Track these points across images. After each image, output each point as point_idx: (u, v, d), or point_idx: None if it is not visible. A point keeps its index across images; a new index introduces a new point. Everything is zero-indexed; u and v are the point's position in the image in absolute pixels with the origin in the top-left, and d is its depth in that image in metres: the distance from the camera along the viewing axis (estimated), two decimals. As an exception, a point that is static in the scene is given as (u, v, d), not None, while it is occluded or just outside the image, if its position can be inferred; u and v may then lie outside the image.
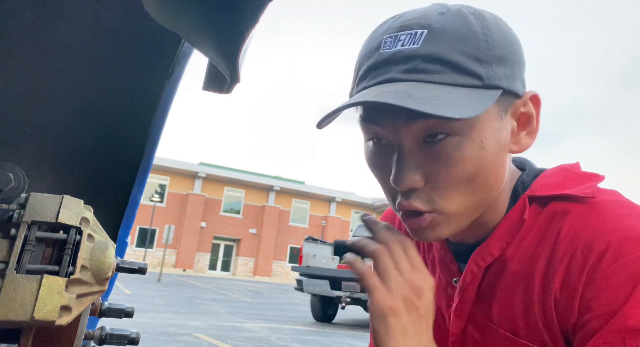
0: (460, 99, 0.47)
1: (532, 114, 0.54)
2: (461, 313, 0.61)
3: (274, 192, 32.57)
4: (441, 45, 0.48)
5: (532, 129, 0.55)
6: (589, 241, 0.49)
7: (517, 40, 0.54)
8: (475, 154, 0.50)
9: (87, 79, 0.82)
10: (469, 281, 0.59)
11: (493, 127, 0.51)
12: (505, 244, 0.56)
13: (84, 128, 0.86)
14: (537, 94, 0.54)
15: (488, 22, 0.51)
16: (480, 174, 0.51)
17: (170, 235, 17.57)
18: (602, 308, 0.47)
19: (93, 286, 0.59)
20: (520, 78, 0.53)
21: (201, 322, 7.23)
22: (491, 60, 0.49)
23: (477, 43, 0.49)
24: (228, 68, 0.57)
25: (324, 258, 9.11)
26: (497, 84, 0.49)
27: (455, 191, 0.51)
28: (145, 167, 0.90)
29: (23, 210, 0.58)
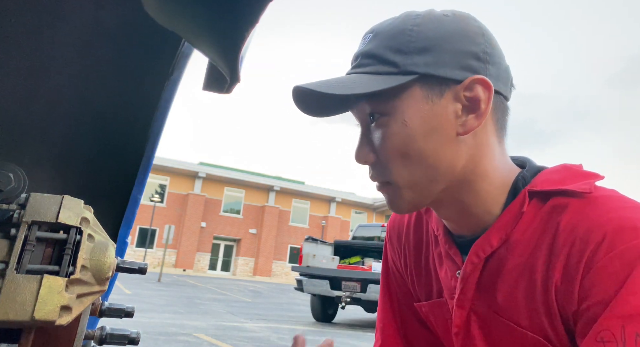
0: (364, 82, 0.57)
1: (479, 97, 0.57)
2: (463, 303, 0.63)
3: (274, 192, 32.57)
4: (376, 43, 0.59)
5: (479, 112, 0.57)
6: (587, 232, 0.52)
7: (465, 33, 0.58)
8: (400, 131, 0.57)
9: (87, 79, 0.82)
10: (469, 272, 0.61)
11: (418, 108, 0.57)
12: (504, 236, 0.59)
13: (84, 128, 0.86)
14: (481, 78, 0.57)
15: (425, 19, 0.58)
16: (410, 150, 0.57)
17: (171, 235, 17.57)
18: (599, 296, 0.49)
19: (93, 286, 0.59)
20: (458, 65, 0.57)
21: (201, 322, 7.23)
22: (411, 51, 0.57)
23: (402, 38, 0.57)
24: (228, 68, 0.57)
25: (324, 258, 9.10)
26: (413, 70, 0.56)
27: (395, 165, 0.58)
28: (145, 167, 0.90)
29: (23, 210, 0.58)
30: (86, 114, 0.85)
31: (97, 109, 0.85)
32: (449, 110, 0.57)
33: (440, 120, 0.57)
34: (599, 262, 0.50)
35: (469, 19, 0.60)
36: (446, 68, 0.56)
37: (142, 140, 0.87)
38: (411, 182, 0.59)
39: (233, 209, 31.70)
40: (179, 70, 0.83)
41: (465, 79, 0.57)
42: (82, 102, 0.84)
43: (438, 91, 0.57)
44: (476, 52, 0.58)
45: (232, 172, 31.95)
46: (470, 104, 0.57)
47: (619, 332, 0.47)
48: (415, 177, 0.58)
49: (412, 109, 0.57)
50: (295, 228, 32.92)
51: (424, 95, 0.57)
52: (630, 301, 0.47)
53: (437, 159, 0.58)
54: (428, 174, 0.58)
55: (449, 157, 0.58)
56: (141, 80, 0.83)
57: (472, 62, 0.57)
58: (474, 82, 0.57)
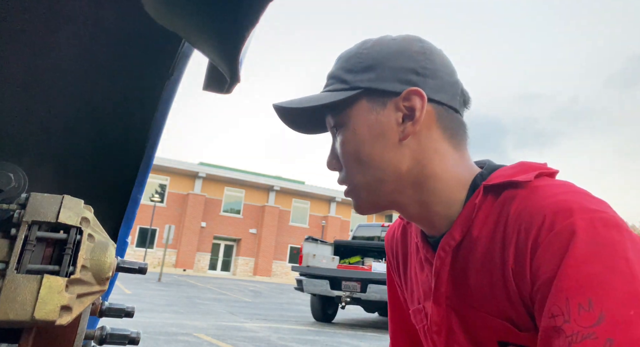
0: (321, 97, 0.67)
1: (415, 106, 0.64)
2: (439, 300, 0.67)
3: (274, 192, 32.56)
4: (337, 66, 0.70)
5: (415, 119, 0.65)
6: (530, 217, 0.57)
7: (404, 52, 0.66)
8: (351, 138, 0.66)
9: (87, 79, 0.82)
10: (439, 266, 0.66)
11: (365, 118, 0.66)
12: (465, 229, 0.64)
13: (84, 128, 0.87)
14: (416, 89, 0.64)
15: (375, 43, 0.68)
16: (360, 154, 0.66)
17: (171, 235, 17.57)
18: (546, 275, 0.53)
19: (93, 286, 0.59)
20: (397, 79, 0.65)
21: (201, 322, 7.23)
22: (358, 70, 0.66)
23: (354, 60, 0.68)
24: (228, 68, 0.57)
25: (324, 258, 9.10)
26: (358, 85, 0.66)
27: (351, 168, 0.67)
28: (145, 167, 0.90)
29: (23, 210, 0.58)
30: (86, 114, 0.85)
31: (97, 109, 0.85)
32: (391, 118, 0.65)
33: (383, 128, 0.65)
34: (542, 243, 0.54)
35: (414, 41, 0.68)
36: (386, 82, 0.65)
37: (142, 140, 0.87)
38: (365, 184, 0.67)
39: (233, 209, 31.70)
40: (179, 70, 0.83)
41: (403, 91, 0.65)
42: (82, 102, 0.84)
43: (381, 102, 0.66)
44: (414, 68, 0.66)
45: (232, 172, 31.95)
46: (409, 112, 0.65)
47: (564, 305, 0.50)
48: (367, 179, 0.66)
49: (360, 118, 0.66)
50: (295, 228, 32.92)
51: (369, 106, 0.66)
52: (569, 274, 0.51)
53: (383, 161, 0.65)
54: (377, 175, 0.66)
55: (393, 160, 0.65)
56: (141, 80, 0.83)
57: (412, 76, 0.65)
58: (410, 93, 0.64)
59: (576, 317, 0.49)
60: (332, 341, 6.54)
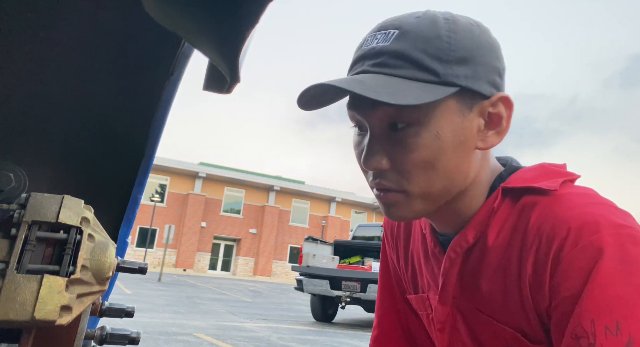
0: (410, 90, 0.53)
1: (502, 115, 0.59)
2: (445, 299, 0.65)
3: (274, 192, 32.55)
4: (407, 43, 0.55)
5: (500, 129, 0.59)
6: (552, 229, 0.54)
7: (491, 46, 0.58)
8: (431, 142, 0.56)
9: (87, 79, 0.82)
10: (448, 267, 0.63)
11: (452, 120, 0.56)
12: (479, 232, 0.61)
13: (84, 128, 0.87)
14: (506, 96, 0.58)
15: (458, 26, 0.56)
16: (438, 162, 0.56)
17: (171, 235, 17.56)
18: (568, 292, 0.50)
19: (93, 286, 0.59)
20: (488, 80, 0.57)
21: (201, 322, 7.23)
22: (451, 60, 0.55)
23: (440, 44, 0.55)
24: (228, 68, 0.57)
25: (324, 258, 9.10)
26: (454, 81, 0.55)
27: (417, 175, 0.57)
28: (145, 167, 0.90)
29: (23, 210, 0.58)
30: (86, 114, 0.85)
31: (97, 109, 0.85)
32: (474, 124, 0.58)
33: (466, 134, 0.57)
34: (565, 258, 0.51)
35: (490, 33, 0.60)
36: (480, 82, 0.57)
37: (142, 140, 0.87)
38: (426, 193, 0.58)
39: (233, 209, 31.70)
40: (179, 70, 0.83)
41: (493, 95, 0.58)
42: (82, 102, 0.84)
43: (470, 105, 0.57)
44: (499, 68, 0.59)
45: (232, 172, 31.94)
46: (491, 120, 0.59)
47: (589, 326, 0.48)
48: (433, 188, 0.58)
49: (446, 121, 0.56)
50: (295, 228, 32.92)
51: (458, 107, 0.57)
52: (595, 295, 0.48)
53: (458, 171, 0.58)
54: (446, 185, 0.58)
55: (466, 169, 0.59)
56: (141, 80, 0.83)
57: (497, 78, 0.58)
58: (500, 100, 0.58)
59: (602, 340, 0.47)
60: (332, 341, 6.54)
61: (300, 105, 0.59)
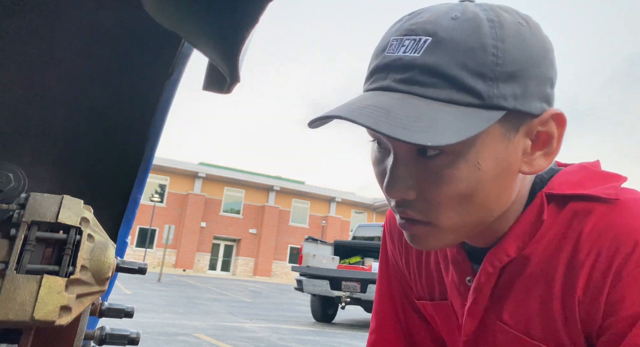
0: (447, 119, 0.44)
1: (553, 134, 0.50)
2: (475, 313, 0.60)
3: (274, 192, 32.56)
4: (442, 56, 0.46)
5: (550, 150, 0.51)
6: (614, 241, 0.48)
7: (543, 52, 0.49)
8: (470, 174, 0.48)
9: (87, 79, 0.82)
10: (483, 282, 0.57)
11: (494, 147, 0.48)
12: (522, 244, 0.54)
13: (84, 128, 0.86)
14: (560, 113, 0.50)
15: (506, 31, 0.47)
16: (476, 195, 0.49)
17: (170, 235, 17.56)
18: (628, 310, 0.46)
19: (93, 286, 0.59)
20: (540, 95, 0.49)
21: (201, 322, 7.23)
22: (497, 77, 0.46)
23: (484, 57, 0.45)
24: (228, 68, 0.57)
25: (324, 258, 9.10)
26: (501, 104, 0.46)
27: (449, 208, 0.49)
28: (145, 167, 0.90)
29: (23, 210, 0.58)
30: (86, 113, 0.85)
31: (97, 109, 0.85)
32: (519, 147, 0.50)
33: (511, 160, 0.49)
34: (629, 275, 0.46)
35: (542, 31, 0.50)
36: (532, 101, 0.48)
37: (141, 140, 0.87)
38: (459, 226, 0.51)
39: (233, 209, 31.70)
40: (179, 70, 0.83)
41: (544, 113, 0.49)
42: (82, 102, 0.84)
43: (516, 126, 0.49)
44: (552, 77, 0.50)
45: (232, 172, 31.95)
46: (539, 139, 0.51)
47: None
48: (467, 221, 0.51)
49: (488, 148, 0.48)
50: (295, 228, 32.92)
51: (502, 132, 0.48)
52: None
53: (498, 201, 0.51)
54: (482, 216, 0.51)
55: (508, 196, 0.52)
56: (141, 80, 0.83)
57: (549, 89, 0.50)
58: (552, 117, 0.50)
59: None
60: (332, 341, 6.54)
61: (311, 127, 0.51)
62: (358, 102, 0.47)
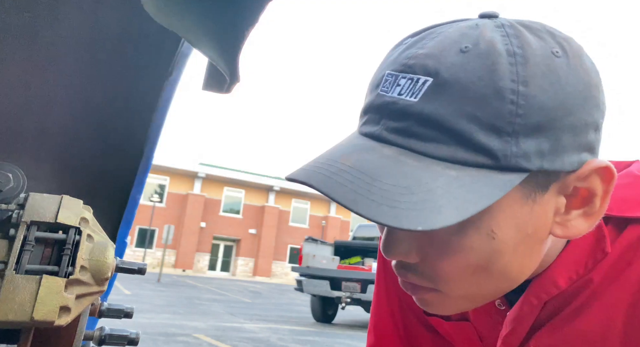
0: (447, 189, 0.35)
1: (596, 191, 0.40)
2: (511, 342, 0.53)
3: (273, 192, 32.56)
4: (445, 104, 0.36)
5: (592, 210, 0.41)
6: None
7: (586, 91, 0.38)
8: (483, 245, 0.39)
9: (87, 79, 0.82)
10: (525, 313, 0.49)
11: (514, 212, 0.39)
12: (575, 276, 0.46)
13: (84, 128, 0.86)
14: (607, 167, 0.39)
15: (531, 68, 0.36)
16: (492, 266, 0.41)
17: (170, 235, 17.55)
18: None
19: (92, 287, 0.59)
20: (577, 147, 0.38)
21: (201, 323, 7.22)
22: (517, 132, 0.36)
23: (500, 106, 0.36)
24: (228, 68, 0.57)
25: (324, 258, 9.11)
26: (521, 165, 0.36)
27: (459, 279, 0.42)
28: (144, 167, 0.90)
29: (22, 210, 0.58)
30: (85, 113, 0.85)
31: (96, 109, 0.85)
32: (550, 207, 0.40)
33: (537, 224, 0.40)
34: None
35: (585, 59, 0.40)
36: (564, 156, 0.38)
37: (141, 140, 0.87)
38: (475, 294, 0.44)
39: (233, 209, 31.70)
40: (178, 70, 0.83)
41: (582, 167, 0.39)
42: (81, 101, 0.84)
43: (544, 186, 0.39)
44: (597, 121, 0.40)
45: (231, 172, 31.96)
46: (577, 196, 0.41)
47: None
48: (484, 290, 0.43)
49: (505, 214, 0.39)
50: (295, 228, 32.92)
51: (524, 194, 0.39)
52: None
53: (521, 270, 0.42)
54: (504, 286, 0.43)
55: (534, 262, 0.43)
56: (140, 80, 0.83)
57: (591, 135, 0.39)
58: (594, 172, 0.40)
59: None
60: (332, 341, 6.54)
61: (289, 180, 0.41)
62: (341, 157, 0.39)
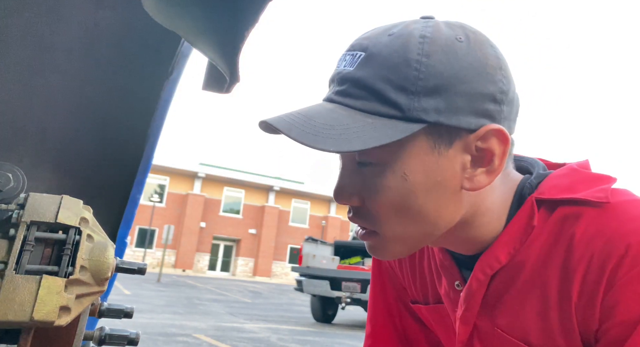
0: (363, 129, 0.47)
1: (494, 150, 0.50)
2: (467, 320, 0.60)
3: (273, 192, 32.56)
4: (370, 70, 0.49)
5: (492, 168, 0.51)
6: (606, 245, 0.48)
7: (479, 68, 0.49)
8: (398, 184, 0.50)
9: (87, 79, 0.82)
10: (475, 289, 0.57)
11: (423, 159, 0.49)
12: (513, 250, 0.54)
13: (84, 128, 0.86)
14: (499, 129, 0.49)
15: (434, 46, 0.48)
16: (410, 206, 0.50)
17: (170, 235, 17.56)
18: (623, 316, 0.46)
19: (92, 287, 0.59)
20: (473, 111, 0.49)
21: (201, 323, 7.22)
22: (419, 91, 0.47)
23: (407, 71, 0.48)
24: (228, 68, 0.57)
25: (324, 258, 9.11)
26: (421, 117, 0.47)
27: (387, 217, 0.51)
28: (144, 167, 0.90)
29: (22, 210, 0.58)
30: (85, 113, 0.85)
31: (96, 109, 0.85)
32: (456, 161, 0.50)
33: (445, 174, 0.50)
34: (622, 278, 0.46)
35: (487, 47, 0.51)
36: (459, 115, 0.48)
37: (141, 140, 0.87)
38: (403, 237, 0.53)
39: (233, 209, 31.70)
40: (178, 70, 0.83)
41: (480, 128, 0.49)
42: (81, 102, 0.84)
43: (447, 140, 0.49)
44: (493, 93, 0.50)
45: (231, 172, 31.96)
46: (480, 155, 0.51)
47: None
48: (409, 232, 0.52)
49: (414, 160, 0.49)
50: (295, 228, 32.93)
51: (430, 145, 0.49)
52: None
53: (438, 214, 0.52)
54: (425, 229, 0.52)
55: (451, 211, 0.52)
56: (140, 80, 0.83)
57: (489, 105, 0.49)
58: (490, 133, 0.50)
59: None
60: (332, 341, 6.54)
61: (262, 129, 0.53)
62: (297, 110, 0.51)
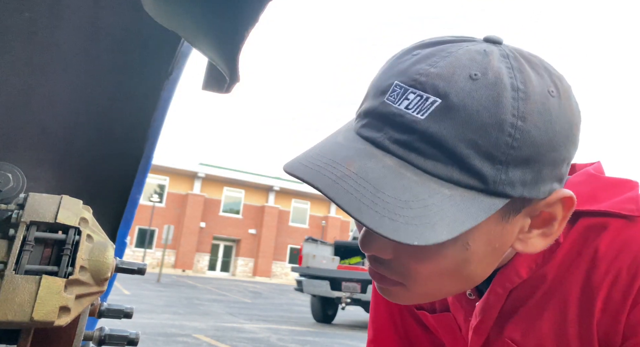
0: (442, 207, 0.39)
1: (556, 216, 0.46)
2: (481, 331, 0.58)
3: (273, 192, 32.56)
4: (450, 128, 0.39)
5: (549, 231, 0.46)
6: (635, 261, 0.46)
7: (569, 130, 0.43)
8: (457, 253, 0.44)
9: (86, 79, 0.82)
10: (492, 302, 0.55)
11: (489, 230, 0.44)
12: (535, 266, 0.51)
13: (83, 128, 0.86)
14: (570, 197, 0.45)
15: (530, 105, 0.40)
16: (460, 271, 0.46)
17: (170, 235, 17.56)
18: None
19: (92, 287, 0.59)
20: (552, 178, 0.43)
21: (200, 323, 7.22)
22: (509, 162, 0.40)
23: (499, 137, 0.39)
24: (228, 67, 0.57)
25: (324, 259, 9.11)
26: (506, 191, 0.41)
27: (428, 279, 0.46)
28: (144, 167, 0.90)
29: (22, 210, 0.58)
30: (85, 113, 0.85)
31: (96, 109, 0.85)
32: (517, 226, 0.46)
33: (504, 240, 0.46)
34: None
35: (572, 99, 0.45)
36: (540, 185, 0.43)
37: (141, 140, 0.87)
38: (436, 293, 0.49)
39: (232, 209, 31.70)
40: (178, 69, 0.83)
41: (551, 195, 0.44)
42: (81, 102, 0.84)
43: (517, 209, 0.44)
44: (571, 156, 0.45)
45: (231, 172, 31.96)
46: (540, 217, 0.46)
47: None
48: (445, 289, 0.48)
49: (481, 231, 0.43)
50: (295, 228, 32.92)
51: (501, 215, 0.43)
52: None
53: (483, 274, 0.48)
54: (464, 286, 0.49)
55: (491, 268, 0.48)
56: (140, 80, 0.83)
57: (564, 168, 0.45)
58: (560, 201, 0.45)
59: None
60: (332, 342, 6.54)
61: None
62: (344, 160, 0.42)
